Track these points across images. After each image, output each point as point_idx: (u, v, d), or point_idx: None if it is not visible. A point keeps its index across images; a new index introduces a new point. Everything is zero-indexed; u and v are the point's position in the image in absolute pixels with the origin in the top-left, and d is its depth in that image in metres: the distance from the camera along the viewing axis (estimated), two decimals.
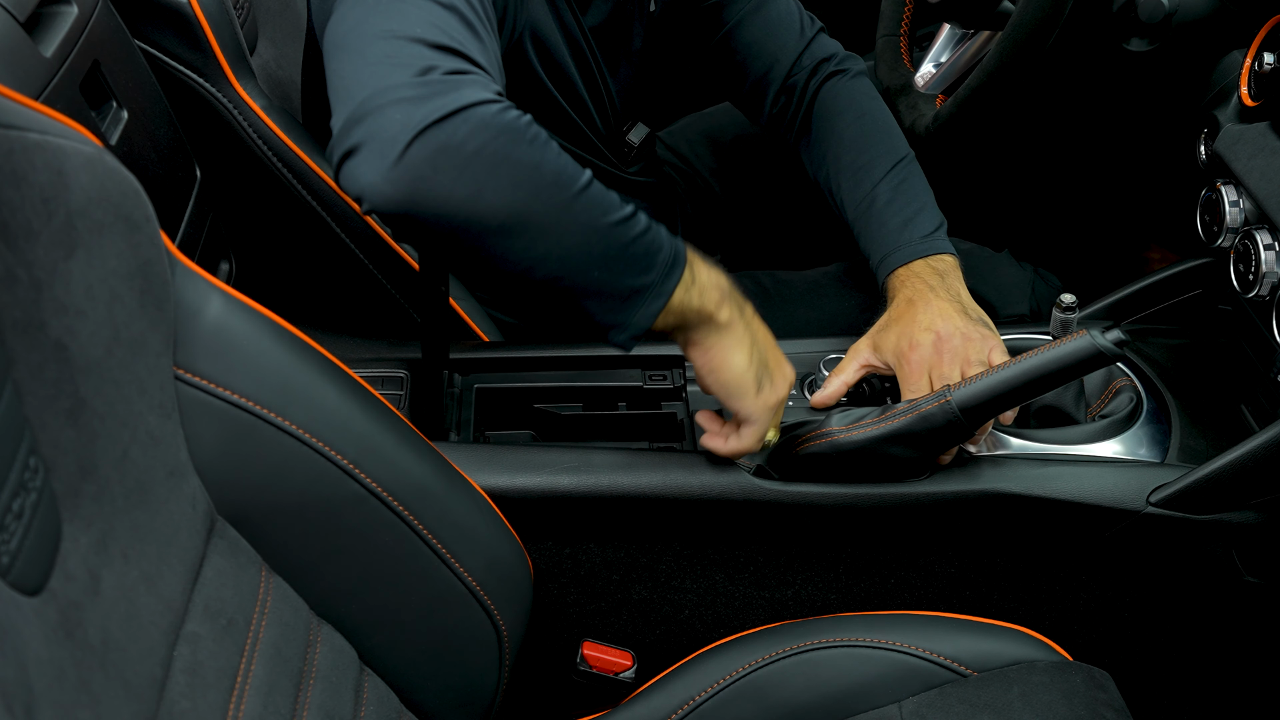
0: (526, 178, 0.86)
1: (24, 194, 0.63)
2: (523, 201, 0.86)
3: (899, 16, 1.50)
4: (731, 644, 1.04)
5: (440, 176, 0.83)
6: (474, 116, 0.84)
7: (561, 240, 0.88)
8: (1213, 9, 1.25)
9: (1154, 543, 1.06)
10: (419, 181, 0.83)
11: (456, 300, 1.32)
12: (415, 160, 0.82)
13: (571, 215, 0.89)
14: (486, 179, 0.84)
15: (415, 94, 0.83)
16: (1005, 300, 1.45)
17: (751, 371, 0.98)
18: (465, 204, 0.84)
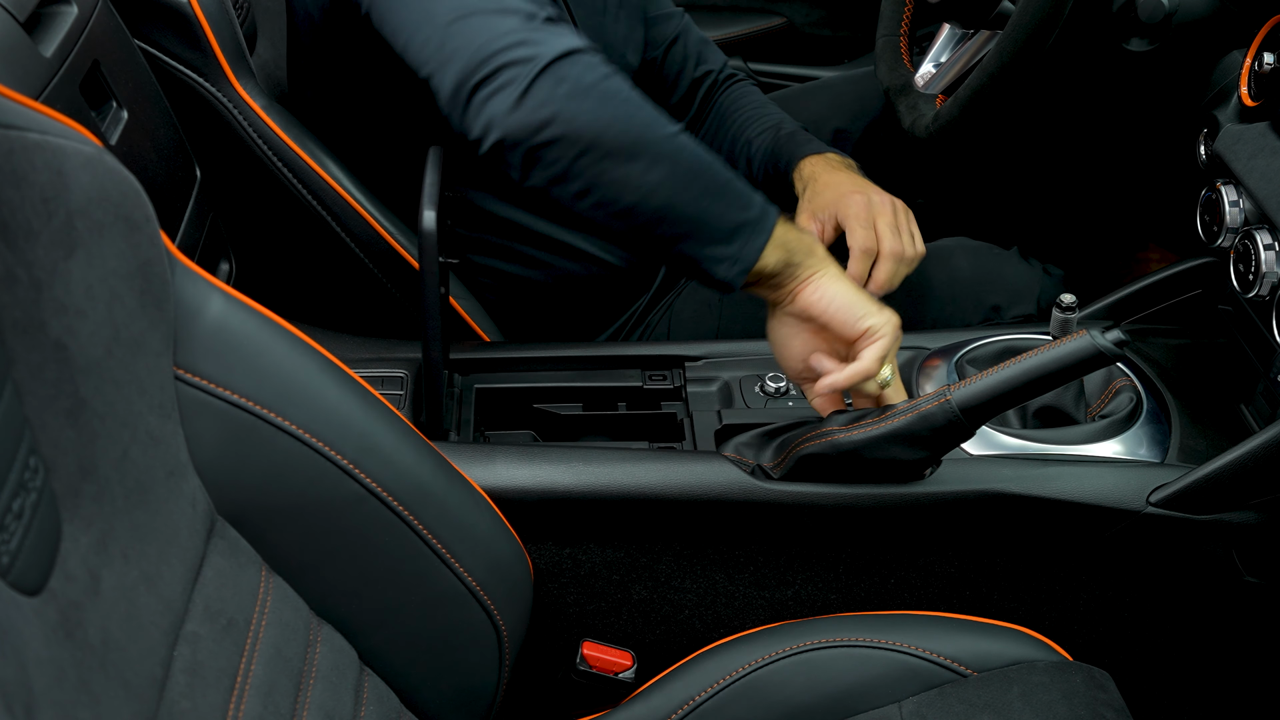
0: (637, 111, 0.96)
1: (24, 194, 0.63)
2: (638, 131, 0.95)
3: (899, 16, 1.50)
4: (731, 644, 1.04)
5: (565, 105, 0.93)
6: (584, 59, 0.95)
7: (675, 168, 0.96)
8: (1213, 9, 1.25)
9: (1154, 543, 1.06)
10: (545, 108, 0.93)
11: (456, 300, 1.32)
12: (542, 91, 0.93)
13: (679, 147, 0.97)
14: (604, 109, 0.94)
15: (531, 37, 0.94)
16: (1012, 300, 1.45)
17: (865, 299, 1.01)
18: (588, 129, 0.93)
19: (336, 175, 1.30)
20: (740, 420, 1.16)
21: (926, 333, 1.29)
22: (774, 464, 1.06)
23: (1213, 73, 1.26)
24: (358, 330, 1.28)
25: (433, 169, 1.03)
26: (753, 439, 1.10)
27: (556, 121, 0.93)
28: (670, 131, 0.97)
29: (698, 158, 0.98)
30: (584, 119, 0.93)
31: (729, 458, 1.07)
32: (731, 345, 1.26)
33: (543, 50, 0.93)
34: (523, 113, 0.93)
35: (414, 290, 1.33)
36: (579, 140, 0.93)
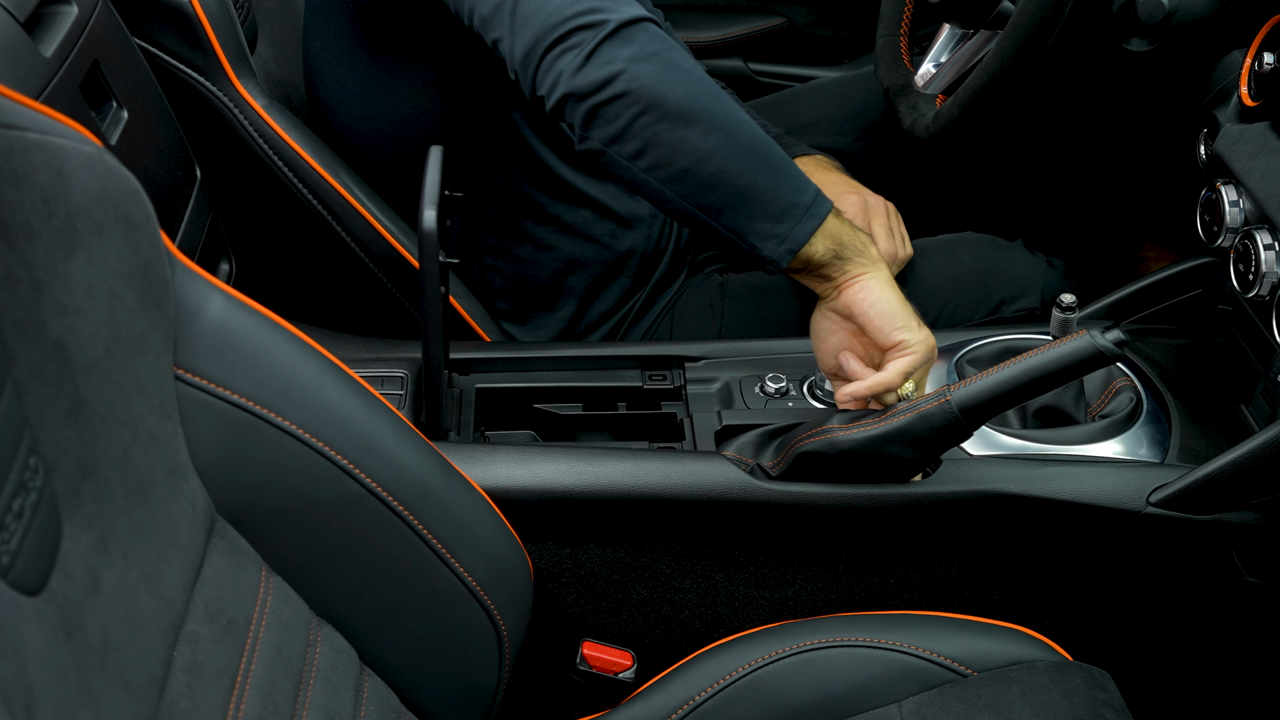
0: (699, 80, 1.00)
1: (24, 194, 0.63)
2: (698, 97, 0.98)
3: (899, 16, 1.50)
4: (731, 644, 1.04)
5: (630, 65, 0.97)
6: (648, 28, 0.99)
7: (731, 138, 0.98)
8: (1213, 9, 1.25)
9: (1154, 543, 1.06)
10: (609, 65, 0.97)
11: (457, 300, 1.32)
12: (609, 51, 0.97)
13: (738, 119, 1.00)
14: (668, 73, 0.98)
15: (602, 4, 0.99)
16: (1017, 294, 1.45)
17: (904, 301, 1.02)
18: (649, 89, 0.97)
19: (337, 175, 1.30)
20: (740, 421, 1.16)
21: None
22: (773, 463, 1.06)
23: (1213, 73, 1.26)
24: (358, 330, 1.28)
25: (433, 168, 1.03)
26: (753, 439, 1.10)
27: (620, 79, 0.97)
28: (730, 105, 1.00)
29: (755, 134, 1.00)
30: (646, 79, 0.97)
31: (729, 457, 1.07)
32: (731, 345, 1.26)
33: (613, 16, 0.98)
34: (589, 69, 0.97)
35: (414, 290, 1.33)
36: (640, 99, 0.97)
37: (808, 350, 1.24)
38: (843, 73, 1.97)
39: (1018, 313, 1.43)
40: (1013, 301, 1.44)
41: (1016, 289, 1.45)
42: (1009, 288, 1.45)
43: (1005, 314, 1.43)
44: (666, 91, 0.97)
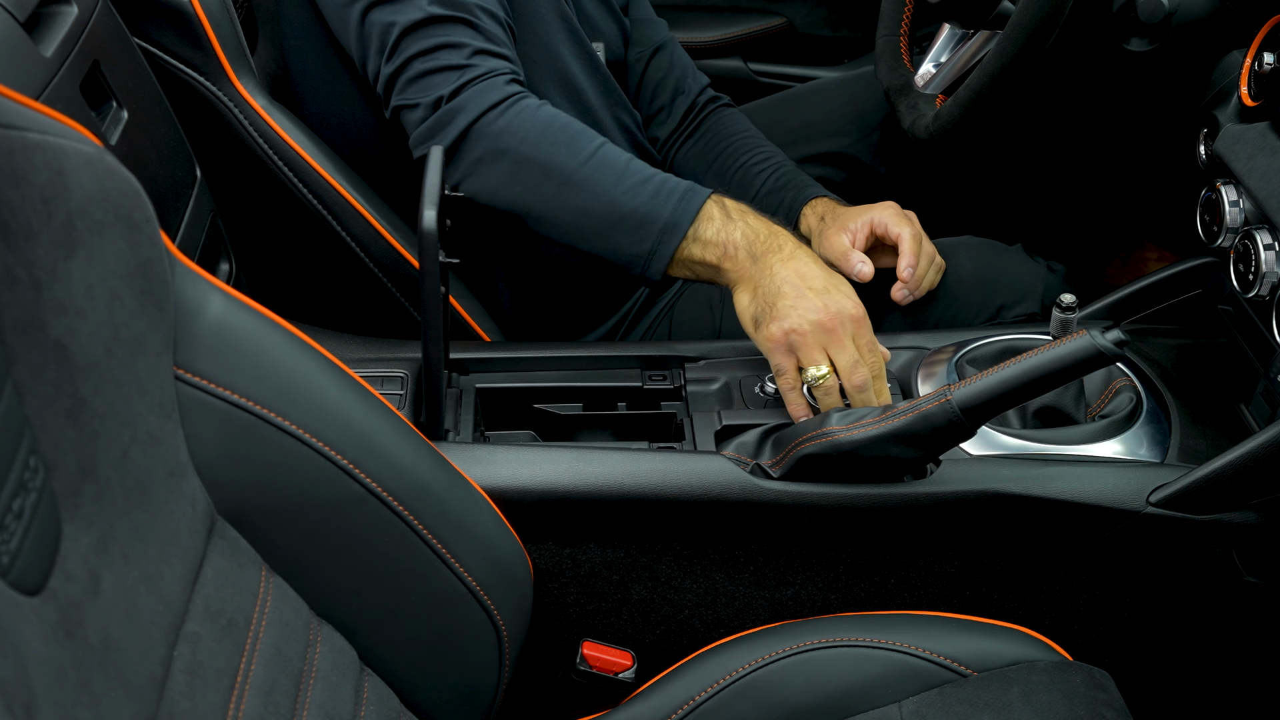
0: (518, 174, 1.12)
1: (24, 194, 0.63)
2: (518, 195, 1.13)
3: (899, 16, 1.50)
4: (731, 644, 1.04)
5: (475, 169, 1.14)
6: (475, 133, 1.12)
7: (558, 222, 1.13)
8: (1213, 9, 1.25)
9: (1154, 543, 1.06)
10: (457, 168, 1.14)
11: (457, 300, 1.32)
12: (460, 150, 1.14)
13: (563, 198, 1.12)
14: (486, 181, 1.14)
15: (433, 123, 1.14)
16: (1017, 299, 1.45)
17: (751, 309, 1.09)
18: (486, 192, 1.14)
19: (337, 175, 1.30)
20: (740, 420, 1.16)
21: (926, 332, 1.29)
22: (773, 463, 1.06)
23: (1213, 73, 1.26)
24: (358, 330, 1.28)
25: (433, 168, 1.03)
26: (753, 439, 1.10)
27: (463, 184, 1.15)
28: (555, 186, 1.12)
29: (583, 207, 1.12)
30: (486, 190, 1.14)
31: (729, 457, 1.07)
32: (731, 345, 1.26)
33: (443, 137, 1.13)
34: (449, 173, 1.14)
35: (414, 290, 1.33)
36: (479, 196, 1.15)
37: None
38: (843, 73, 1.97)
39: (1018, 318, 1.43)
40: (1013, 306, 1.44)
41: (1017, 294, 1.45)
42: (1009, 292, 1.45)
43: (1005, 319, 1.43)
44: (502, 198, 1.14)
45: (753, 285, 1.09)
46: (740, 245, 1.10)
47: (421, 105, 1.13)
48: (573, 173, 1.11)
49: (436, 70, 1.13)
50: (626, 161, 1.13)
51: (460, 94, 1.12)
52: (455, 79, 1.12)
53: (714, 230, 1.11)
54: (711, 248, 1.11)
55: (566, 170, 1.11)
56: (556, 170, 1.11)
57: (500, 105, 1.12)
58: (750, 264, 1.09)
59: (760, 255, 1.10)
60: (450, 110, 1.12)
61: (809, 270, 1.09)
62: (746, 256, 1.10)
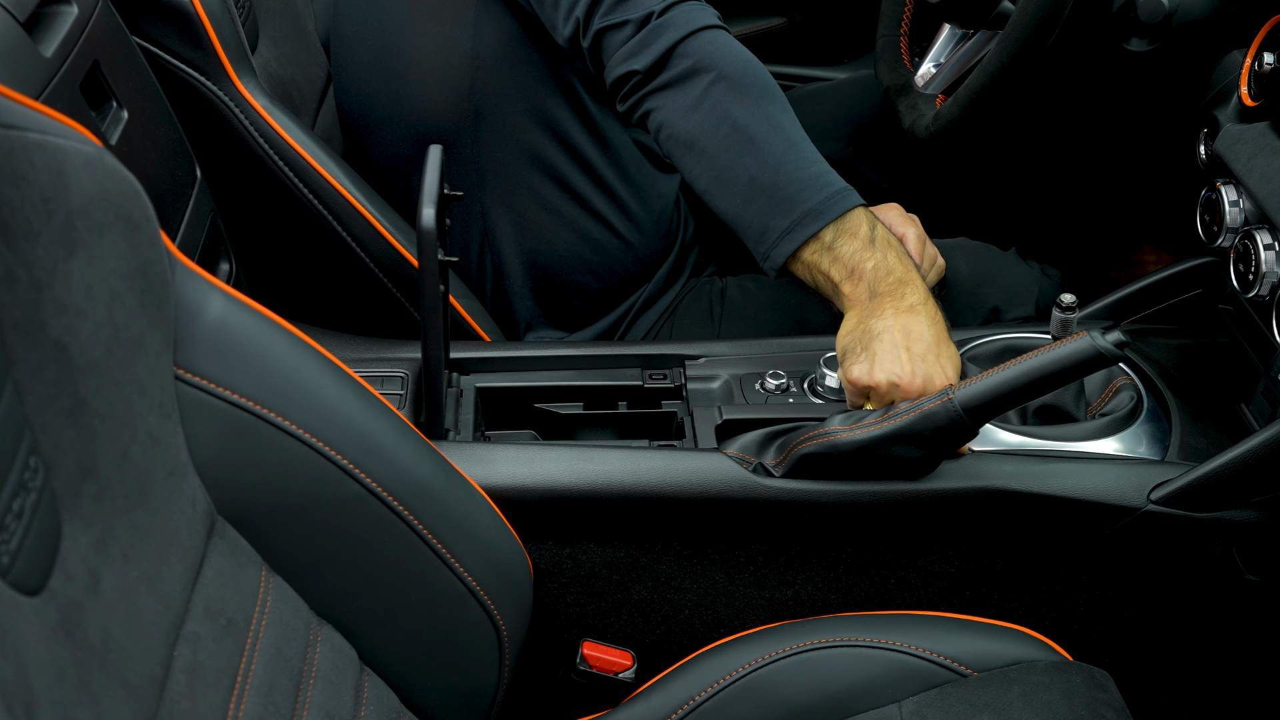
0: (704, 104, 1.10)
1: (24, 194, 0.63)
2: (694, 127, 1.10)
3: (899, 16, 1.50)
4: (731, 644, 1.04)
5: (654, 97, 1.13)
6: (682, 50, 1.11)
7: (716, 170, 1.10)
8: (1213, 9, 1.25)
9: (1154, 541, 1.06)
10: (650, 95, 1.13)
11: (457, 300, 1.32)
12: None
13: (731, 150, 1.09)
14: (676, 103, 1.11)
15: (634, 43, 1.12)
16: (1011, 302, 1.45)
17: (845, 339, 1.08)
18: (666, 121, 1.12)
19: (337, 175, 1.30)
20: (741, 415, 1.16)
21: None
22: (775, 463, 1.06)
23: (1213, 73, 1.26)
24: (358, 330, 1.28)
25: (433, 168, 1.03)
26: (755, 440, 1.10)
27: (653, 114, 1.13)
28: (732, 136, 1.09)
29: (743, 165, 1.08)
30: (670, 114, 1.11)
31: (730, 455, 1.07)
32: (731, 344, 1.26)
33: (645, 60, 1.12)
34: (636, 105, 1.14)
35: (414, 290, 1.33)
36: (667, 132, 1.12)
37: (807, 349, 1.24)
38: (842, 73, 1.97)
39: (1012, 320, 1.43)
40: (1008, 309, 1.44)
41: (1011, 296, 1.45)
42: (1003, 295, 1.45)
43: (1000, 320, 1.43)
44: (680, 123, 1.11)
45: (855, 317, 1.07)
46: (866, 276, 1.07)
47: (630, 22, 1.12)
48: (748, 126, 1.09)
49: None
50: (801, 137, 1.11)
51: (670, 11, 1.11)
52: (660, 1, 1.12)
53: (851, 250, 1.07)
54: (839, 266, 1.07)
55: (743, 121, 1.09)
56: (734, 116, 1.09)
57: (709, 29, 1.12)
58: (866, 299, 1.07)
59: (879, 295, 1.06)
60: (660, 26, 1.11)
61: (917, 329, 1.05)
62: (866, 290, 1.06)
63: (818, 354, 1.21)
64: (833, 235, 1.06)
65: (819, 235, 1.06)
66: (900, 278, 1.06)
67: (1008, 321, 1.43)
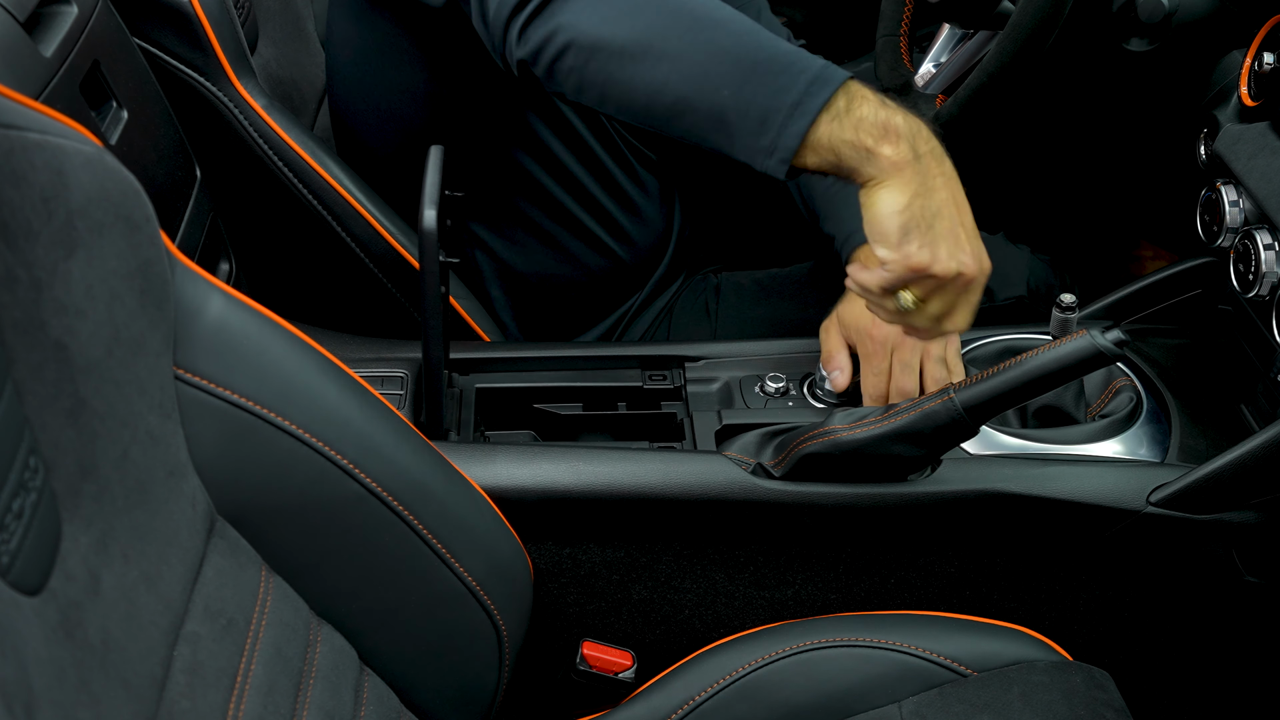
0: (648, 7, 0.91)
1: (24, 194, 0.63)
2: (643, 27, 0.90)
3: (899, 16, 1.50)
4: (731, 644, 1.04)
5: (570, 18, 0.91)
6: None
7: (684, 60, 0.90)
8: (1213, 9, 1.25)
9: (1154, 542, 1.06)
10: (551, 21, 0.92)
11: (457, 300, 1.32)
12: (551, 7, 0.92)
13: (696, 37, 0.90)
14: (608, 12, 0.91)
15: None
16: (1002, 283, 1.45)
17: (901, 216, 0.89)
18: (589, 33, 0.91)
19: (337, 175, 1.30)
20: (740, 420, 1.16)
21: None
22: (775, 463, 1.06)
23: (1213, 73, 1.26)
24: (358, 330, 1.28)
25: (433, 168, 1.03)
26: (754, 439, 1.10)
27: (559, 34, 0.92)
28: (690, 21, 0.91)
29: (717, 46, 0.90)
30: (584, 26, 0.91)
31: (729, 457, 1.07)
32: (731, 345, 1.26)
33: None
34: (533, 30, 0.93)
35: (414, 290, 1.33)
36: (582, 46, 0.91)
37: (807, 350, 1.24)
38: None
39: (1006, 300, 1.43)
40: (1000, 291, 1.44)
41: (1001, 279, 1.45)
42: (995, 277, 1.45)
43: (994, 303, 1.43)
44: (607, 33, 0.91)
45: (914, 185, 0.89)
46: (903, 133, 0.89)
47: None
48: (707, 7, 0.91)
49: None
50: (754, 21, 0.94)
51: None
52: None
53: (872, 111, 0.89)
54: (868, 126, 0.88)
55: (700, 3, 0.92)
56: (689, 4, 0.92)
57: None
58: (913, 159, 0.89)
59: (923, 155, 0.89)
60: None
61: (964, 203, 0.92)
62: (909, 149, 0.88)
63: (816, 356, 1.21)
64: (845, 101, 0.89)
65: (832, 102, 0.89)
66: (929, 134, 0.91)
67: (1002, 303, 1.43)
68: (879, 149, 0.88)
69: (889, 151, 0.88)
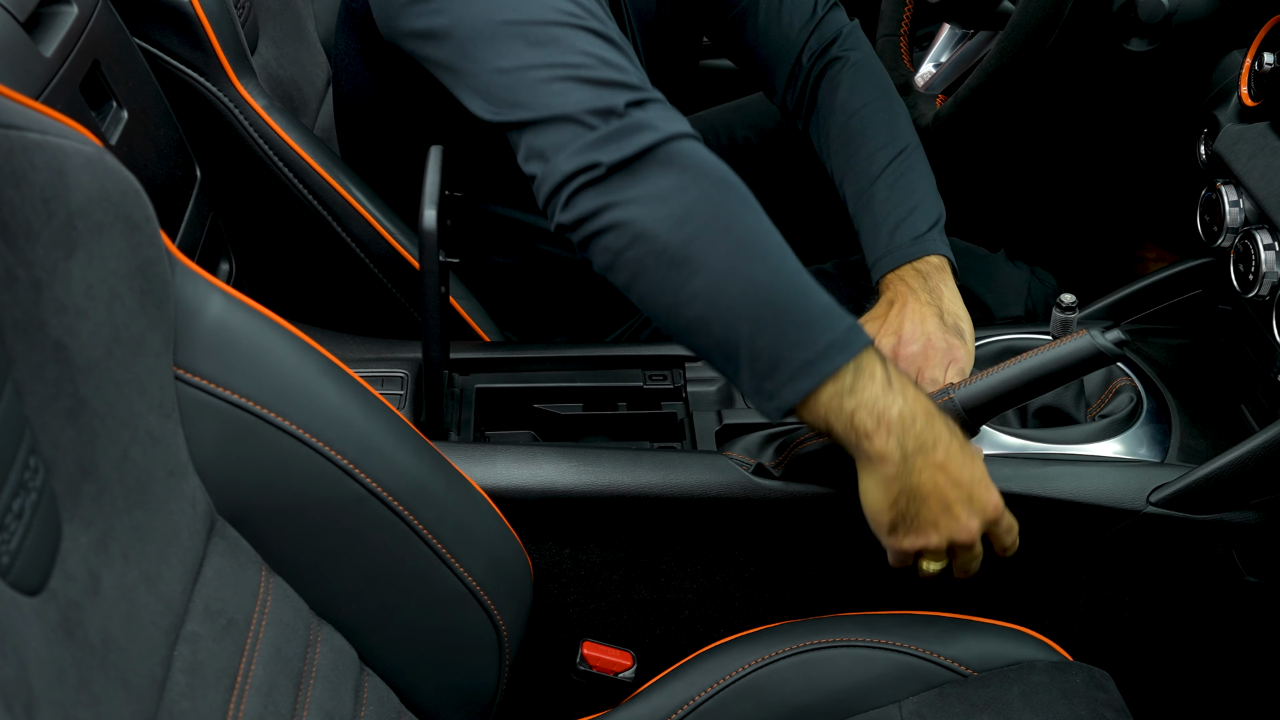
0: (695, 213, 0.89)
1: (24, 194, 0.63)
2: (687, 236, 0.88)
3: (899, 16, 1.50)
4: (731, 644, 1.04)
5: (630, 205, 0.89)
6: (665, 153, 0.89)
7: (716, 287, 0.88)
8: (1213, 9, 1.25)
9: (1154, 543, 1.06)
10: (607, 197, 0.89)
11: (457, 300, 1.32)
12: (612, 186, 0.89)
13: (737, 261, 0.88)
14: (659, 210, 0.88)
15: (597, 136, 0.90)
16: (1001, 302, 1.45)
17: (889, 514, 0.93)
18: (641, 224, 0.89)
19: (336, 175, 1.30)
20: (740, 420, 1.16)
21: None
22: (775, 463, 1.06)
23: (1213, 73, 1.26)
24: (358, 330, 1.28)
25: (433, 168, 1.03)
26: (755, 441, 1.10)
27: (611, 209, 0.89)
28: (733, 244, 0.89)
29: (754, 279, 0.89)
30: (638, 211, 0.89)
31: (730, 457, 1.07)
32: None
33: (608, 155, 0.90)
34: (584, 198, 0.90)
35: (414, 290, 1.33)
36: (630, 233, 0.89)
37: None
38: None
39: (1004, 320, 1.43)
40: (998, 310, 1.44)
41: (1000, 297, 1.45)
42: (993, 295, 1.45)
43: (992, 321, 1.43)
44: (655, 227, 0.88)
45: (898, 484, 0.91)
46: (894, 428, 0.89)
47: (579, 115, 0.91)
48: (758, 238, 0.90)
49: (605, 84, 0.91)
50: (795, 258, 0.92)
51: (643, 107, 0.91)
52: (630, 95, 0.91)
53: (873, 395, 0.89)
54: (865, 410, 0.89)
55: (752, 232, 0.90)
56: (740, 227, 0.90)
57: (689, 136, 0.92)
58: (899, 459, 0.90)
59: (910, 453, 0.90)
60: (634, 122, 0.90)
61: (957, 472, 0.92)
62: (897, 447, 0.89)
63: None
64: (853, 376, 0.89)
65: (840, 374, 0.88)
66: (925, 421, 0.90)
67: (1000, 321, 1.43)
68: (868, 442, 0.90)
69: (878, 446, 0.90)
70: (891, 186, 1.20)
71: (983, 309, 1.44)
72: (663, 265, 0.88)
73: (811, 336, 0.88)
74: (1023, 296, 1.46)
